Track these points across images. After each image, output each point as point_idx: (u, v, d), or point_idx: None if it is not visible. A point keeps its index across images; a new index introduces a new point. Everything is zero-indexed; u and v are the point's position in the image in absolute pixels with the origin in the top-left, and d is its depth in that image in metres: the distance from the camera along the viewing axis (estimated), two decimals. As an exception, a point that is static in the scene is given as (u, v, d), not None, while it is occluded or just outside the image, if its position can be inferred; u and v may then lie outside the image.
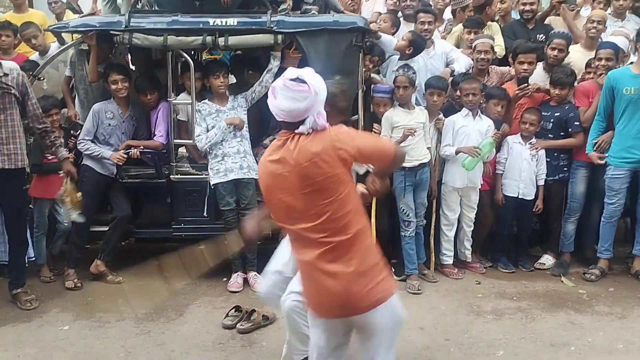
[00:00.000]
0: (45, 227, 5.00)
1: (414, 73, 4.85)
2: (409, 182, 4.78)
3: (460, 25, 5.90)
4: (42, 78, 5.00)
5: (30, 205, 4.94)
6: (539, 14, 6.08)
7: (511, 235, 5.30)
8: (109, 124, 4.92)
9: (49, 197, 4.88)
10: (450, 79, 5.18)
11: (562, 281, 4.99)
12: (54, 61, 5.17)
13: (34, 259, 4.94)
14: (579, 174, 5.10)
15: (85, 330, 4.19)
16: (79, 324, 4.27)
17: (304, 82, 2.43)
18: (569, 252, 5.26)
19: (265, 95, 4.83)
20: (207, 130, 4.79)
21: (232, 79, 5.28)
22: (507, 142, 5.09)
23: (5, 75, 4.22)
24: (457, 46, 5.72)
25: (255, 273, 4.90)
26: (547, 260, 5.29)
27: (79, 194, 4.57)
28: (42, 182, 4.89)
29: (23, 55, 5.54)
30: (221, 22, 4.68)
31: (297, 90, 2.42)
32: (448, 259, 5.15)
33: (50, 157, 4.82)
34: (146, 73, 5.31)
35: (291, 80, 2.44)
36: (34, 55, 5.53)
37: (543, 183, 5.12)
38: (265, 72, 4.86)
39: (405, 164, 4.67)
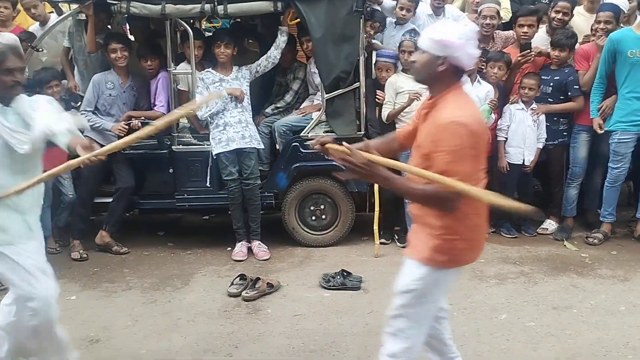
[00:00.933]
0: (50, 199, 5.01)
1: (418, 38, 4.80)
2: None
3: None
4: (40, 49, 4.96)
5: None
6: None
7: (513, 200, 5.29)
8: (110, 95, 4.90)
9: (51, 169, 4.87)
10: None
11: (565, 245, 5.01)
12: (53, 32, 5.11)
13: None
14: (580, 138, 5.08)
15: (92, 300, 4.24)
16: (86, 294, 4.32)
17: None
18: (572, 217, 5.27)
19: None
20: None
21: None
22: (509, 109, 5.06)
23: None
24: (462, 10, 5.64)
25: (260, 242, 4.94)
26: (550, 225, 5.30)
27: None
28: (45, 154, 4.87)
29: (20, 27, 5.48)
30: (220, -11, 4.62)
31: None
32: None
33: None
34: (147, 40, 5.25)
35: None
36: (33, 26, 5.46)
37: (541, 146, 5.10)
38: (272, 47, 4.82)
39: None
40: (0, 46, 2.69)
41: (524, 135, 5.01)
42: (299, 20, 4.79)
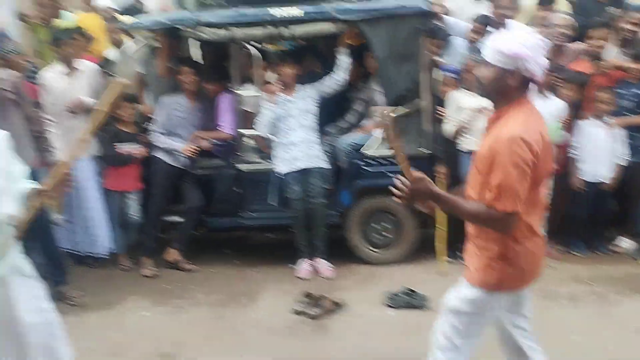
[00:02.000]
0: (121, 218, 5.20)
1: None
2: None
3: (530, 2, 5.68)
4: (115, 75, 5.19)
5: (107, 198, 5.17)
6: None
7: (586, 218, 5.12)
8: (178, 116, 5.08)
9: (121, 189, 5.09)
10: None
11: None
12: (127, 58, 5.36)
13: (112, 249, 5.18)
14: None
15: (164, 315, 4.37)
16: (157, 310, 4.46)
17: None
18: (647, 235, 5.05)
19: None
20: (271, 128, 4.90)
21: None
22: (580, 126, 4.91)
23: (1, 79, 4.30)
24: (528, 24, 5.50)
25: (324, 260, 4.96)
26: (624, 243, 5.09)
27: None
28: (114, 175, 5.08)
29: (93, 57, 5.78)
30: (285, 12, 4.73)
31: None
32: None
33: (122, 150, 5.00)
34: (213, 64, 5.43)
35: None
36: (110, 51, 5.75)
37: (622, 163, 4.90)
38: (336, 69, 4.88)
39: (474, 147, 4.61)
40: None
41: (598, 151, 4.85)
42: (362, 41, 4.83)
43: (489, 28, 5.10)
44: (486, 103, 4.63)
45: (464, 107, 4.73)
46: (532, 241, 2.39)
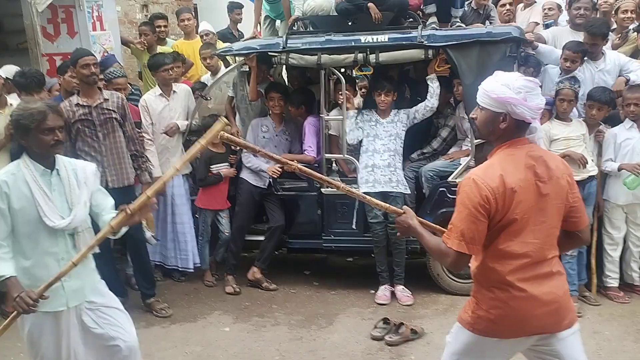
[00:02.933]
0: (208, 235, 5.42)
1: (579, 86, 4.61)
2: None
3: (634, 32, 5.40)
4: (209, 98, 5.45)
5: (196, 215, 5.39)
6: None
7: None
8: (264, 137, 5.25)
9: (212, 207, 5.31)
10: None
11: None
12: (219, 82, 5.61)
13: (199, 264, 5.38)
14: None
15: (244, 332, 4.47)
16: (237, 327, 4.57)
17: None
18: None
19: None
20: (362, 132, 4.95)
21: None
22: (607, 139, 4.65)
23: (106, 100, 4.56)
24: (633, 55, 5.23)
25: (403, 287, 4.92)
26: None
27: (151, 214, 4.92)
28: (206, 194, 5.32)
29: (188, 82, 6.10)
30: (372, 39, 4.79)
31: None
32: (613, 281, 4.77)
33: (214, 171, 5.22)
34: (300, 88, 5.57)
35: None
36: (205, 76, 6.06)
37: None
38: (428, 96, 4.87)
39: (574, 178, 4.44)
40: (39, 106, 2.82)
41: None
42: (448, 66, 4.80)
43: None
44: (578, 132, 4.52)
45: (556, 139, 4.57)
46: (507, 293, 2.34)
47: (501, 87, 2.33)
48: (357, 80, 5.98)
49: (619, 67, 4.93)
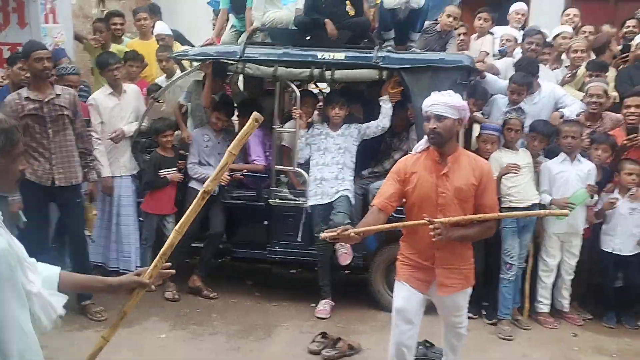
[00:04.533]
0: (152, 240, 5.32)
1: (525, 117, 4.81)
2: (520, 222, 4.70)
3: (583, 68, 5.68)
4: (161, 101, 5.39)
5: (140, 219, 5.30)
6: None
7: (615, 289, 5.00)
8: (207, 146, 5.26)
9: (159, 212, 5.23)
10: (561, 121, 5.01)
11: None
12: (173, 85, 5.56)
13: (140, 268, 5.27)
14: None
15: (180, 340, 4.41)
16: (174, 334, 4.50)
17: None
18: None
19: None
20: (310, 149, 5.01)
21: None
22: (603, 198, 4.86)
23: (58, 95, 4.46)
24: (580, 90, 5.49)
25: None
26: (654, 319, 4.95)
27: (94, 212, 4.92)
28: (153, 198, 5.23)
29: (145, 82, 6.02)
30: (329, 56, 4.86)
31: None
32: (544, 307, 4.95)
33: (161, 174, 5.15)
34: (248, 100, 5.58)
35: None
36: (160, 79, 5.97)
37: None
38: (381, 116, 4.96)
39: (518, 204, 4.63)
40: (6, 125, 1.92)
41: (616, 224, 4.78)
42: (401, 89, 4.91)
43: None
44: (525, 161, 4.70)
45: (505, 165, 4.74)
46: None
47: (457, 98, 3.15)
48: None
49: (554, 100, 5.16)
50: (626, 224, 4.77)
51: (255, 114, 2.53)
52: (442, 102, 3.09)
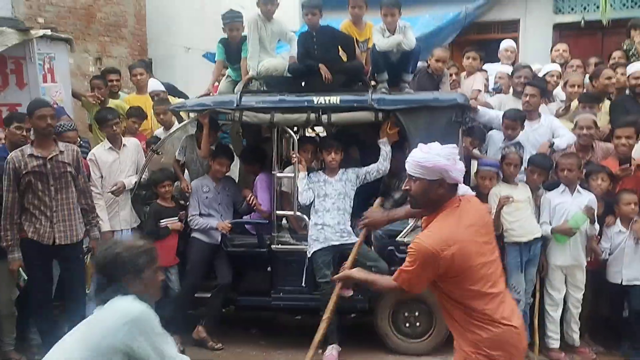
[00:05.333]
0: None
1: (523, 151, 4.84)
2: (524, 257, 4.68)
3: (576, 102, 5.73)
4: (160, 153, 5.43)
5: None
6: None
7: (622, 319, 4.93)
8: (207, 197, 5.24)
9: (161, 264, 5.15)
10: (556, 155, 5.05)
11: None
12: (171, 137, 5.61)
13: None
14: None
15: (186, 394, 4.30)
16: (180, 388, 4.39)
17: None
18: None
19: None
20: (312, 192, 4.98)
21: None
22: (605, 232, 4.86)
23: (61, 152, 4.50)
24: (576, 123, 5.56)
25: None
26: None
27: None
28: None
29: (143, 135, 6.08)
30: (324, 100, 4.92)
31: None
32: (554, 342, 4.87)
33: (162, 224, 5.13)
34: (252, 146, 5.62)
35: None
36: (158, 131, 6.05)
37: None
38: (380, 158, 5.00)
39: (520, 239, 4.63)
40: (147, 242, 2.57)
41: (622, 255, 4.75)
42: (398, 129, 4.96)
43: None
44: (524, 195, 4.71)
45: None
46: (499, 328, 2.55)
47: (435, 157, 2.52)
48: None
49: (551, 131, 5.23)
50: (633, 255, 4.73)
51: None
52: (413, 161, 2.58)
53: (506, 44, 7.01)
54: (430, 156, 2.52)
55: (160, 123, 6.00)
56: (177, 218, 5.23)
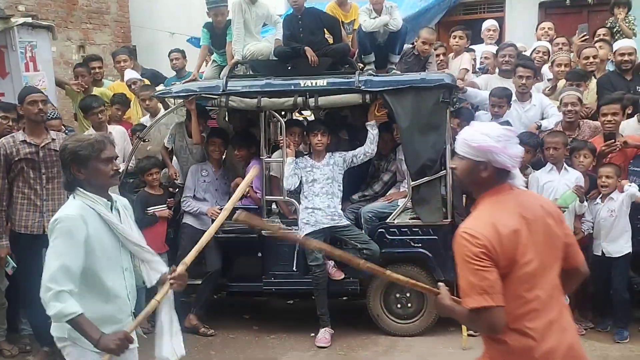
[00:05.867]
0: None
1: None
2: None
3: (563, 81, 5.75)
4: (147, 140, 5.38)
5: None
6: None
7: (607, 296, 4.97)
8: (204, 181, 5.23)
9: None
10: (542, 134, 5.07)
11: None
12: (158, 124, 5.55)
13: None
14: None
15: (180, 380, 4.30)
16: (173, 375, 4.40)
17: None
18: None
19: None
20: (298, 178, 4.96)
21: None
22: (590, 206, 4.87)
23: (53, 140, 4.41)
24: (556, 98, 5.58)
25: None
26: (654, 323, 4.93)
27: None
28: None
29: (128, 123, 6.03)
30: (311, 83, 4.89)
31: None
32: None
33: (149, 212, 5.09)
34: (242, 131, 5.59)
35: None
36: (144, 118, 5.99)
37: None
38: (367, 141, 4.97)
39: None
40: (97, 135, 2.84)
41: (600, 227, 4.79)
42: (386, 111, 4.95)
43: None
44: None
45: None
46: (517, 341, 2.17)
47: (482, 136, 2.29)
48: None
49: (541, 109, 5.24)
50: (609, 227, 4.77)
51: (256, 168, 2.75)
52: (461, 139, 2.36)
53: (488, 23, 7.02)
54: (478, 135, 2.29)
55: (146, 109, 5.94)
56: (165, 206, 5.19)
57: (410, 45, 5.82)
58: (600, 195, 4.83)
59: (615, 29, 6.55)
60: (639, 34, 6.83)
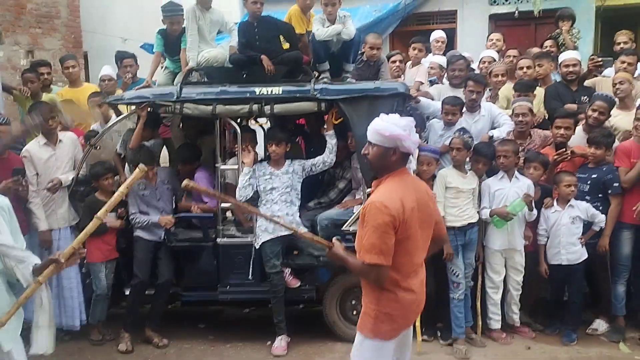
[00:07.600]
0: (103, 289, 5.04)
1: (470, 137, 4.92)
2: (459, 241, 4.79)
3: (508, 85, 5.92)
4: (98, 147, 5.26)
5: (83, 270, 5.09)
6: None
7: (560, 300, 5.13)
8: (143, 195, 5.07)
9: (96, 260, 4.99)
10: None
11: (620, 348, 4.79)
12: (110, 132, 5.44)
13: (85, 322, 5.05)
14: (622, 236, 4.96)
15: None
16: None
17: None
18: (622, 316, 5.06)
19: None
20: (252, 188, 4.92)
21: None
22: (543, 214, 5.02)
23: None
24: (506, 108, 5.71)
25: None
26: (600, 325, 5.10)
27: None
28: (94, 246, 4.99)
29: (80, 130, 5.88)
30: (267, 91, 4.87)
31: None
32: (496, 323, 5.03)
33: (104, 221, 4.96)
34: (184, 145, 5.54)
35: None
36: (95, 125, 5.85)
37: (598, 229, 4.92)
38: (326, 151, 4.99)
39: (455, 224, 4.73)
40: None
41: (560, 235, 4.92)
42: (342, 119, 4.98)
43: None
44: (471, 185, 4.82)
45: (450, 186, 4.84)
46: (407, 295, 2.82)
47: (392, 126, 2.77)
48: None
49: (491, 118, 5.37)
50: (569, 234, 4.90)
51: (140, 165, 2.99)
52: (373, 128, 2.83)
53: (437, 34, 7.16)
54: (388, 125, 2.77)
55: (99, 115, 5.80)
56: (115, 213, 5.06)
57: (360, 53, 5.88)
58: (557, 203, 4.96)
59: (560, 42, 6.80)
60: (582, 45, 7.12)
